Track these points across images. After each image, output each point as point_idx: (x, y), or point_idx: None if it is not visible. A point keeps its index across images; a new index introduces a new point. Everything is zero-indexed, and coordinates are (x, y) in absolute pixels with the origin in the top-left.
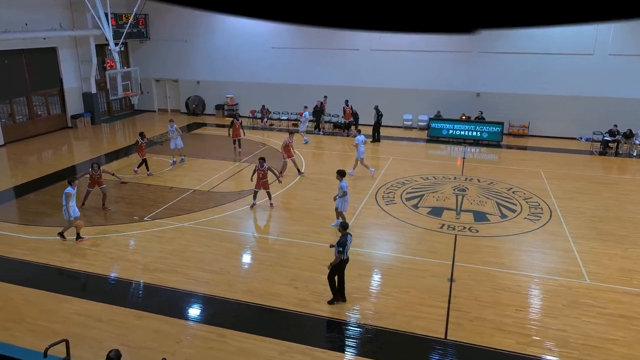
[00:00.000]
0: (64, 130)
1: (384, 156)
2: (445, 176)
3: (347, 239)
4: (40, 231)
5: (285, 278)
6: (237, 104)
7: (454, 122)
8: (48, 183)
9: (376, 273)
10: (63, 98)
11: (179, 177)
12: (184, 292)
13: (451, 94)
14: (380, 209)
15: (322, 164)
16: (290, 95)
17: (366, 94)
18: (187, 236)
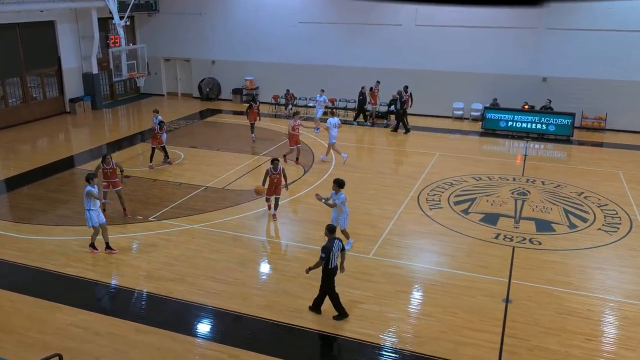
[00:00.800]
0: (61, 115)
1: (429, 151)
2: (503, 177)
3: (333, 245)
4: (33, 230)
5: (310, 292)
6: (258, 87)
7: (514, 112)
8: (42, 175)
9: (417, 290)
10: (61, 79)
11: (190, 172)
12: (192, 304)
13: (511, 79)
14: (423, 214)
15: (357, 160)
16: (320, 78)
17: (409, 78)
18: (197, 240)
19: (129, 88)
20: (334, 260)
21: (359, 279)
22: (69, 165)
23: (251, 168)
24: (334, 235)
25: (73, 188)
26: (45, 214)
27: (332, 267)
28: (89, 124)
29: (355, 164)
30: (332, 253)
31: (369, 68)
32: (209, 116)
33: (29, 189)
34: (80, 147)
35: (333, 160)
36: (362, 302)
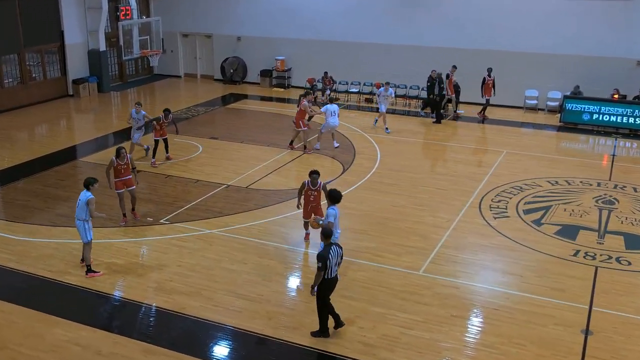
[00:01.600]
0: (63, 99)
1: (495, 148)
2: (585, 181)
3: (331, 252)
4: (29, 230)
5: (347, 314)
6: (290, 69)
7: (600, 102)
8: (40, 168)
9: (475, 315)
10: (64, 57)
11: (208, 168)
12: (209, 322)
13: (598, 62)
14: (485, 224)
15: (407, 157)
16: (363, 58)
17: (470, 59)
18: (215, 247)
19: (141, 68)
20: (333, 270)
21: (407, 299)
22: (71, 156)
23: (280, 164)
24: (329, 241)
25: (74, 183)
26: (42, 213)
27: (331, 278)
28: (95, 109)
29: (404, 162)
30: (330, 261)
31: (423, 47)
32: (232, 102)
33: (25, 183)
34: (84, 136)
35: (378, 157)
36: (410, 328)
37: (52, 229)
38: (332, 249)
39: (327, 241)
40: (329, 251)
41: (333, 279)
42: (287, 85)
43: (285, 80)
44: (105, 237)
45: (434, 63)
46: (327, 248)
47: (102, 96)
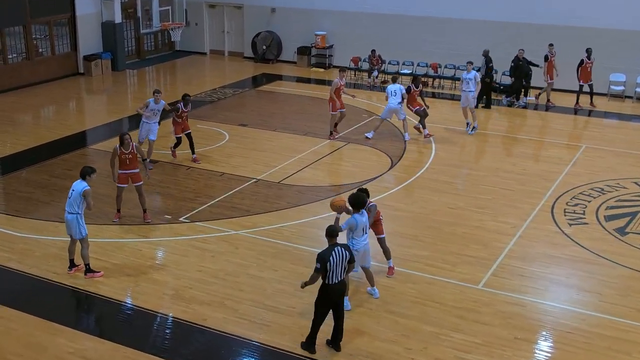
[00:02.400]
0: (73, 77)
1: (571, 142)
2: None
3: (334, 253)
4: (32, 227)
5: (394, 332)
6: (332, 46)
7: None
8: (46, 156)
9: (544, 339)
10: (74, 29)
11: (236, 159)
12: (232, 337)
13: None
14: (558, 232)
15: (467, 152)
16: (418, 34)
17: (544, 36)
18: (242, 251)
19: (161, 43)
20: (337, 275)
21: (463, 317)
22: (81, 143)
23: (318, 157)
24: (333, 241)
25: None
26: (47, 207)
27: (331, 284)
28: (108, 90)
29: (463, 157)
30: (330, 264)
31: (488, 22)
32: (264, 84)
33: (29, 172)
34: (95, 120)
35: (432, 150)
36: (467, 351)
37: (59, 225)
38: (335, 249)
39: (331, 240)
40: (331, 252)
41: (335, 285)
42: (328, 64)
43: (326, 59)
44: (117, 236)
45: (499, 41)
46: (329, 248)
47: (116, 75)
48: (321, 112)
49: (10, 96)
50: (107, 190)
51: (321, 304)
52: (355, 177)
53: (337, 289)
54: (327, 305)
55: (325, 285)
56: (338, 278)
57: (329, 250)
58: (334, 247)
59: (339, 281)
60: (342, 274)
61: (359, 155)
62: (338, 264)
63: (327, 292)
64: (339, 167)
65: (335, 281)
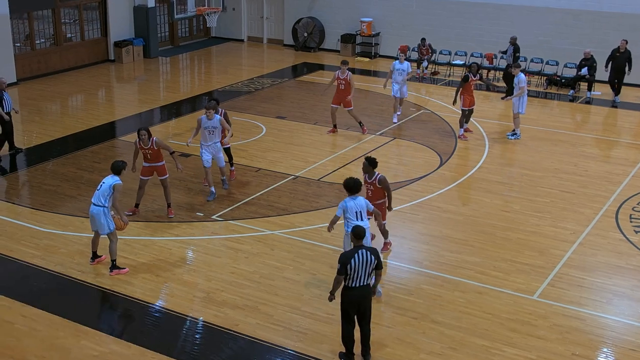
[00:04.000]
0: (103, 64)
1: (634, 141)
2: None
3: (357, 255)
4: (58, 222)
5: (439, 344)
6: (379, 34)
7: None
8: (74, 147)
9: (606, 356)
10: (105, 14)
11: (272, 154)
12: (266, 344)
13: None
14: (623, 239)
15: (525, 151)
16: (473, 22)
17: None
18: (278, 253)
19: (196, 29)
20: (360, 278)
21: (516, 330)
22: (109, 134)
23: (361, 153)
24: (359, 243)
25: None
26: (74, 200)
27: (353, 286)
28: (140, 78)
29: (519, 156)
30: (351, 266)
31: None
32: (305, 74)
33: (55, 164)
34: (125, 110)
35: (486, 148)
36: None
37: (85, 220)
38: (359, 252)
39: (356, 242)
40: (354, 254)
41: (358, 289)
42: (374, 54)
43: (372, 48)
44: (144, 234)
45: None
46: (353, 250)
47: (148, 62)
48: (365, 105)
49: (38, 83)
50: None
51: (343, 309)
52: (401, 176)
53: (359, 293)
54: (351, 311)
55: (346, 288)
56: (361, 282)
57: (352, 252)
58: (358, 249)
59: (362, 285)
60: (365, 279)
61: (405, 152)
62: (361, 267)
63: (348, 296)
64: (383, 164)
65: (357, 285)
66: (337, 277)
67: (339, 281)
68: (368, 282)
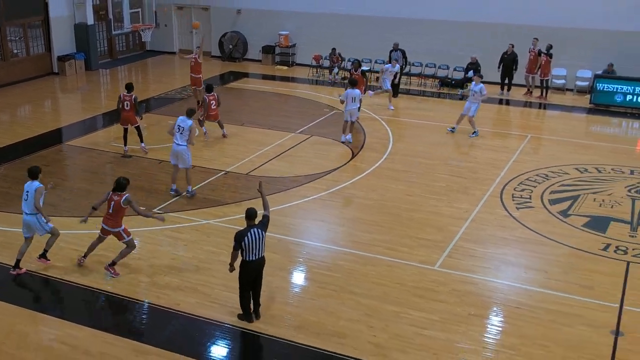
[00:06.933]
0: (47, 77)
1: (518, 132)
2: (617, 168)
3: (250, 233)
4: (9, 220)
5: (356, 312)
6: (295, 45)
7: (635, 82)
8: (23, 152)
9: (495, 314)
10: (48, 31)
11: (206, 152)
12: (205, 320)
13: (633, 37)
14: (507, 215)
15: (422, 143)
16: (376, 33)
17: (492, 34)
18: (213, 240)
19: (132, 44)
20: (254, 253)
21: (421, 296)
22: (57, 139)
23: (283, 149)
24: (251, 222)
25: (60, 169)
26: None
27: (250, 260)
28: (82, 89)
29: (418, 147)
30: (245, 243)
31: (440, 21)
32: (231, 81)
33: (6, 169)
34: (70, 118)
35: (390, 142)
36: (425, 328)
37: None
38: (252, 230)
39: (249, 222)
40: (248, 232)
41: (253, 262)
42: (291, 62)
43: (290, 57)
44: (91, 228)
45: (453, 39)
46: (246, 229)
47: (89, 74)
48: (285, 107)
49: None
50: (84, 185)
51: (243, 280)
52: (318, 168)
53: (256, 267)
54: (248, 281)
55: (245, 263)
56: (255, 256)
57: (245, 231)
58: (251, 228)
59: (257, 259)
60: (260, 252)
61: (321, 147)
62: (255, 243)
63: (247, 269)
64: (302, 158)
65: (253, 258)
66: (233, 252)
67: (234, 256)
68: (262, 254)
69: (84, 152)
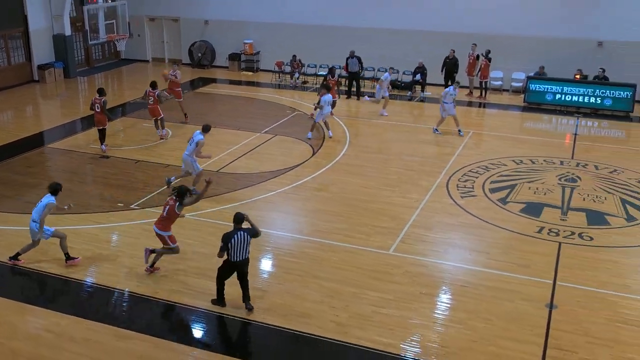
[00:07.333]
0: (28, 84)
1: (452, 128)
2: (548, 160)
3: (236, 236)
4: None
5: (319, 294)
6: (259, 52)
7: (563, 82)
8: (7, 155)
9: (444, 292)
10: (28, 42)
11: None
12: (181, 306)
13: (560, 43)
14: (452, 203)
15: (376, 140)
16: (332, 41)
17: (437, 41)
18: (187, 232)
19: (108, 53)
20: (239, 254)
21: (377, 279)
22: (38, 143)
23: (250, 148)
24: (238, 226)
25: (42, 170)
26: (10, 200)
27: (234, 262)
28: (61, 95)
29: (372, 144)
30: (232, 244)
31: (389, 30)
32: (201, 86)
33: None
34: (51, 122)
35: (347, 140)
36: (381, 307)
37: (22, 216)
38: (238, 233)
39: (236, 225)
40: (234, 234)
41: (236, 263)
42: (256, 68)
43: (254, 64)
44: (74, 223)
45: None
46: (233, 231)
47: (68, 81)
48: (251, 109)
49: None
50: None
51: (222, 272)
52: (282, 164)
53: (236, 266)
54: (228, 275)
55: (228, 261)
56: (241, 257)
57: (232, 233)
58: (238, 231)
59: (241, 260)
60: (244, 254)
61: (285, 145)
62: (239, 245)
63: (229, 266)
64: (268, 156)
65: (238, 259)
66: (220, 253)
67: (221, 256)
68: (246, 256)
69: (64, 154)
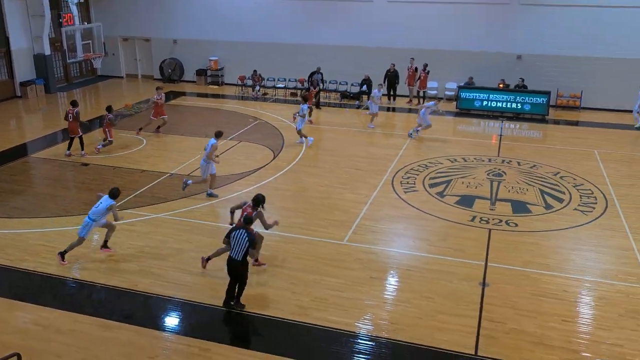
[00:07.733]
0: (11, 100)
1: (403, 133)
2: (478, 158)
3: (237, 232)
4: None
5: (282, 282)
6: (223, 68)
7: (489, 91)
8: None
9: (392, 276)
10: (10, 61)
11: (152, 158)
12: (160, 297)
13: (486, 57)
14: (397, 198)
15: (329, 142)
16: (288, 57)
17: (380, 56)
18: (162, 230)
19: (85, 70)
20: (233, 251)
21: (333, 266)
22: (22, 153)
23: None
24: (245, 226)
25: (27, 178)
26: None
27: (229, 257)
28: (43, 109)
29: (327, 146)
30: (231, 238)
31: (338, 46)
32: (171, 99)
33: None
34: (33, 134)
35: (304, 145)
36: (338, 290)
37: (8, 220)
38: (240, 230)
39: (244, 225)
40: (236, 230)
41: (230, 259)
42: (221, 82)
43: (219, 78)
44: (58, 225)
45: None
46: (237, 227)
47: (49, 97)
48: (217, 119)
49: None
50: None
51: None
52: (246, 167)
53: (230, 263)
54: (229, 270)
55: (228, 257)
56: (233, 254)
57: (235, 228)
58: (240, 229)
59: (233, 257)
60: (236, 254)
61: (248, 151)
62: (235, 242)
63: (227, 260)
64: (234, 160)
65: (231, 255)
66: (224, 239)
67: (225, 242)
68: (237, 257)
69: (46, 163)
